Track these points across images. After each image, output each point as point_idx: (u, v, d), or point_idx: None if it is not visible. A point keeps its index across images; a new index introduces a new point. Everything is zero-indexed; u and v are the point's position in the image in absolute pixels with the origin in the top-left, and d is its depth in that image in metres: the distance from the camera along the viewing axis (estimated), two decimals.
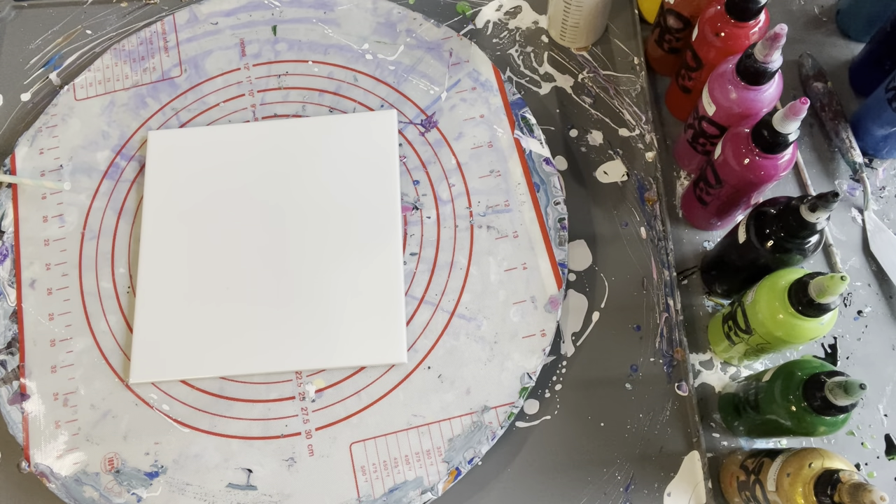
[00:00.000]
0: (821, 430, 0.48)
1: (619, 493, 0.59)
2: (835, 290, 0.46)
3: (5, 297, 0.64)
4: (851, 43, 0.73)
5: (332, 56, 0.71)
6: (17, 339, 0.62)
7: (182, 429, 0.60)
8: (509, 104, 0.68)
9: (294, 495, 0.58)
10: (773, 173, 0.53)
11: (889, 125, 0.64)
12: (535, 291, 0.62)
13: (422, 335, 0.62)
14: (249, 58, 0.71)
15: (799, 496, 0.46)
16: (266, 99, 0.70)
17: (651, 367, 0.62)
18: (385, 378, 0.60)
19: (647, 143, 0.69)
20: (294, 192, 0.66)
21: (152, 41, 0.72)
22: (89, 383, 0.61)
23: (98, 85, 0.71)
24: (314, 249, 0.63)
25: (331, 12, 0.73)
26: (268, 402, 0.60)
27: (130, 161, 0.68)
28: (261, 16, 0.73)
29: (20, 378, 0.61)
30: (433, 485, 0.58)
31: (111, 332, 0.62)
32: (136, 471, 0.58)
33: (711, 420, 0.61)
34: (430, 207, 0.65)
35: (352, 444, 0.59)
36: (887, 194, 0.67)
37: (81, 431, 0.60)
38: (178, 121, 0.69)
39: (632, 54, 0.72)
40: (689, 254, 0.66)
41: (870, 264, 0.65)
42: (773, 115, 0.51)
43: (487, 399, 0.60)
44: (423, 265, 0.64)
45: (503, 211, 0.65)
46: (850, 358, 0.62)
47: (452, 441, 0.59)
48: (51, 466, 0.58)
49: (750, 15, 0.56)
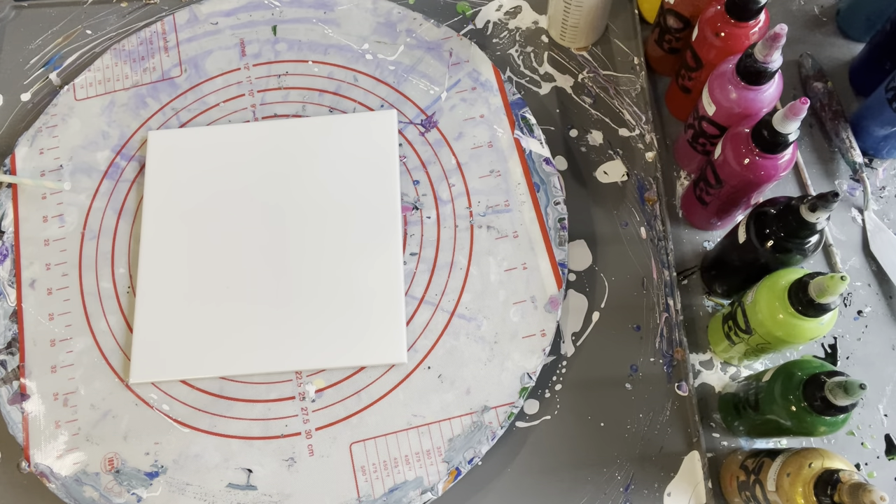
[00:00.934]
0: (821, 430, 0.48)
1: (619, 493, 0.59)
2: (835, 290, 0.46)
3: (5, 297, 0.64)
4: (851, 43, 0.73)
5: (332, 56, 0.71)
6: (17, 339, 0.62)
7: (182, 429, 0.60)
8: (509, 104, 0.68)
9: (294, 495, 0.58)
10: (773, 173, 0.53)
11: (889, 125, 0.64)
12: (535, 291, 0.62)
13: (422, 335, 0.62)
14: (249, 58, 0.71)
15: (799, 496, 0.46)
16: (266, 99, 0.70)
17: (651, 367, 0.62)
18: (385, 378, 0.60)
19: (647, 143, 0.69)
20: (294, 192, 0.66)
21: (152, 41, 0.72)
22: (89, 383, 0.61)
23: (98, 85, 0.71)
24: (314, 249, 0.63)
25: (331, 12, 0.73)
26: (268, 402, 0.60)
27: (130, 161, 0.68)
28: (261, 16, 0.73)
29: (20, 378, 0.61)
30: (433, 485, 0.58)
31: (111, 332, 0.62)
32: (136, 471, 0.58)
33: (711, 420, 0.61)
34: (430, 207, 0.65)
35: (352, 444, 0.59)
36: (887, 194, 0.67)
37: (81, 431, 0.60)
38: (178, 121, 0.69)
39: (632, 54, 0.72)
40: (689, 254, 0.66)
41: (870, 264, 0.65)
42: (773, 115, 0.51)
43: (487, 399, 0.60)
44: (423, 265, 0.64)
45: (503, 211, 0.65)
46: (850, 358, 0.62)
47: (452, 441, 0.59)
48: (51, 466, 0.58)
49: (750, 15, 0.56)
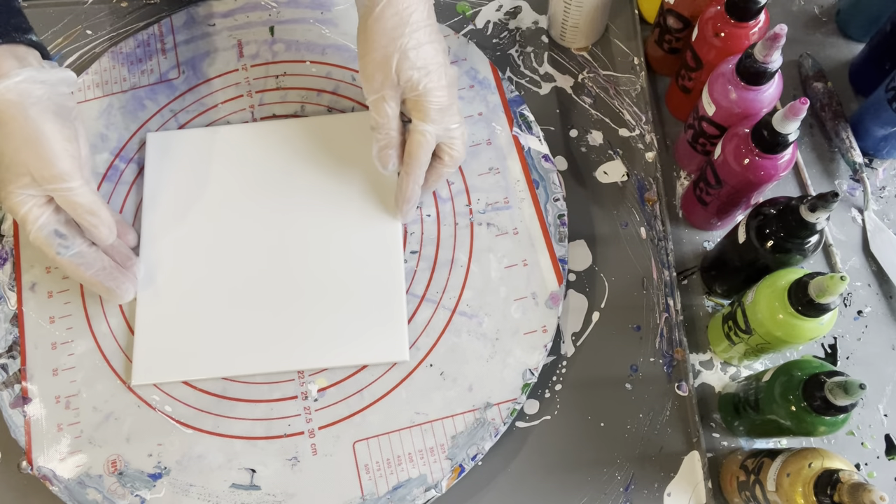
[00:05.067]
0: (821, 430, 0.48)
1: (619, 493, 0.59)
2: (835, 290, 0.46)
3: (6, 301, 0.64)
4: (851, 43, 0.73)
5: (329, 56, 0.71)
6: (18, 343, 0.62)
7: (185, 430, 0.60)
8: (507, 102, 0.68)
9: (298, 494, 0.58)
10: (773, 173, 0.53)
11: (889, 125, 0.64)
12: (536, 287, 0.62)
13: (423, 333, 0.62)
14: (247, 58, 0.71)
15: (799, 496, 0.46)
16: (264, 99, 0.70)
17: (651, 367, 0.62)
18: (387, 376, 0.60)
19: (647, 143, 0.69)
20: (294, 192, 0.65)
21: (150, 43, 0.72)
22: (91, 386, 0.61)
23: (96, 88, 0.71)
24: (315, 248, 0.63)
25: (328, 12, 0.73)
26: (270, 401, 0.60)
27: (129, 163, 0.68)
28: (258, 17, 0.73)
29: (22, 382, 0.61)
30: (437, 482, 0.58)
31: (112, 335, 0.62)
32: (140, 472, 0.58)
33: (711, 420, 0.61)
34: (430, 205, 0.65)
35: (355, 442, 0.59)
36: (887, 194, 0.67)
37: (84, 434, 0.60)
38: (177, 122, 0.69)
39: (632, 54, 0.72)
40: (689, 254, 0.66)
41: (870, 264, 0.65)
42: (772, 116, 0.51)
43: (490, 395, 0.60)
44: (423, 263, 0.64)
45: (503, 208, 0.65)
46: (850, 358, 0.62)
47: (456, 438, 0.59)
48: (54, 469, 0.58)
49: (750, 15, 0.56)
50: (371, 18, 0.55)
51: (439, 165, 0.60)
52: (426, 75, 0.56)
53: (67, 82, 0.57)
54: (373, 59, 0.56)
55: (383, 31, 0.55)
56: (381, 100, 0.57)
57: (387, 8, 0.54)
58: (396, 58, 0.55)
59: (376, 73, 0.56)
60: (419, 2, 0.56)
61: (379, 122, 0.58)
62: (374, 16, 0.55)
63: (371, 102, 0.57)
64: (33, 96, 0.53)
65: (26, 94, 0.53)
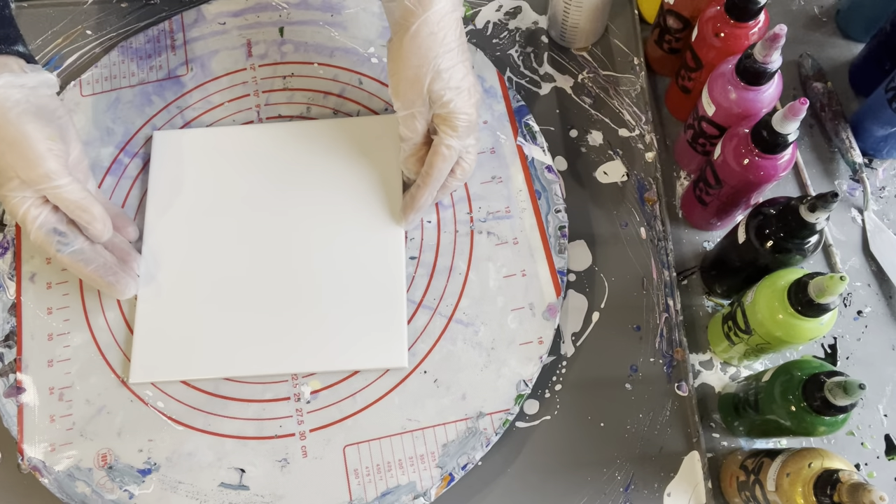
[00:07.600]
0: (820, 430, 0.48)
1: (618, 493, 0.59)
2: (834, 290, 0.46)
3: (4, 290, 0.64)
4: (851, 43, 0.73)
5: (337, 59, 0.71)
6: (15, 333, 0.62)
7: (176, 426, 0.59)
8: (513, 111, 0.68)
9: (286, 496, 0.58)
10: (773, 173, 0.53)
11: (889, 125, 0.64)
12: (534, 298, 0.62)
13: (419, 339, 0.61)
14: (255, 58, 0.71)
15: (799, 496, 0.46)
16: (271, 99, 0.70)
17: (651, 367, 0.62)
18: (381, 381, 0.60)
19: (647, 143, 0.69)
20: (296, 195, 0.65)
21: (160, 39, 0.72)
22: (85, 378, 0.61)
23: (104, 81, 0.71)
24: (317, 251, 0.63)
25: (338, 15, 0.73)
26: (263, 402, 0.60)
27: (134, 158, 0.68)
28: (268, 17, 0.73)
29: (16, 372, 0.61)
30: (426, 490, 0.57)
31: (109, 329, 0.62)
32: (129, 467, 0.58)
33: (711, 420, 0.61)
34: (431, 212, 0.65)
35: (345, 446, 0.59)
36: (887, 194, 0.67)
37: (76, 426, 0.60)
38: (183, 119, 0.69)
39: (632, 54, 0.72)
40: (689, 254, 0.66)
41: (870, 264, 0.65)
42: (772, 116, 0.51)
43: (483, 405, 0.59)
44: (422, 269, 0.64)
45: (504, 217, 0.65)
46: (850, 358, 0.62)
47: (447, 446, 0.58)
48: (44, 461, 0.58)
49: (750, 15, 0.56)
50: (407, 37, 0.55)
51: (450, 178, 0.61)
52: (458, 95, 0.56)
53: (48, 84, 0.57)
54: (405, 76, 0.56)
55: (417, 50, 0.55)
56: (411, 117, 0.57)
57: (422, 27, 0.54)
58: (429, 78, 0.55)
59: (409, 92, 0.56)
60: (452, 21, 0.55)
61: (409, 136, 0.59)
62: (409, 34, 0.55)
63: (402, 118, 0.58)
64: (11, 100, 0.54)
65: (4, 99, 0.54)
